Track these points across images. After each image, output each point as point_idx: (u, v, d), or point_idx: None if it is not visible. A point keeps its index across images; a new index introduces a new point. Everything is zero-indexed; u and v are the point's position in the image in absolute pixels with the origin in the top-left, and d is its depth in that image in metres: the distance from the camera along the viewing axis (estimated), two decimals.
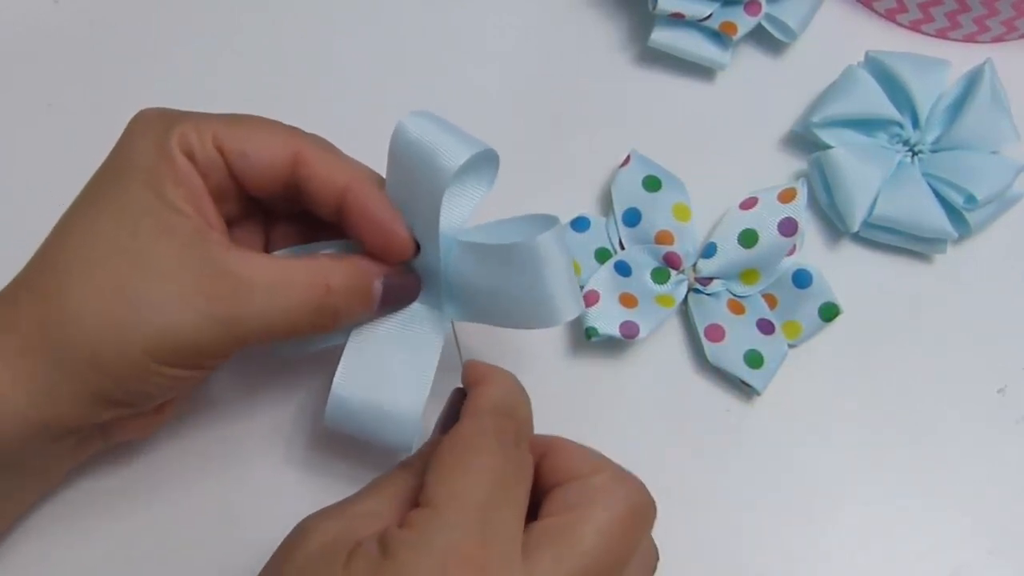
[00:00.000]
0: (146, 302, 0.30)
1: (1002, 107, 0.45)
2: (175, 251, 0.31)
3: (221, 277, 0.31)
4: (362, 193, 0.33)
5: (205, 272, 0.31)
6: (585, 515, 0.29)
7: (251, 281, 0.31)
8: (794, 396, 0.43)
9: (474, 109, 0.47)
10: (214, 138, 0.33)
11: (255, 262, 0.32)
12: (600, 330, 0.41)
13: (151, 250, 0.31)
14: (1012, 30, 0.49)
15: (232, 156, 0.33)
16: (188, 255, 0.31)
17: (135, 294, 0.30)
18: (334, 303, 0.32)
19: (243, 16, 0.48)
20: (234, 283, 0.31)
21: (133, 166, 0.32)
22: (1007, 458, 0.43)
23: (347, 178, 0.33)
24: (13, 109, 0.46)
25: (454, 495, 0.28)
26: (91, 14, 0.48)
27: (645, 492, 0.31)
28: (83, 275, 0.31)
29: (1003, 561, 0.41)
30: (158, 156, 0.32)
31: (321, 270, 0.32)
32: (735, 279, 0.43)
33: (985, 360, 0.44)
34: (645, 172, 0.44)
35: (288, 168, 0.33)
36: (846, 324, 0.43)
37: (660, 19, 0.46)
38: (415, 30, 0.48)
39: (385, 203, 0.33)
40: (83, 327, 0.30)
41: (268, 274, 0.31)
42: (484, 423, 0.30)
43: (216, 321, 0.31)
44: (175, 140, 0.32)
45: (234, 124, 0.33)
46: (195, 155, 0.32)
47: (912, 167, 0.45)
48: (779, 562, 0.41)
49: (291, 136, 0.34)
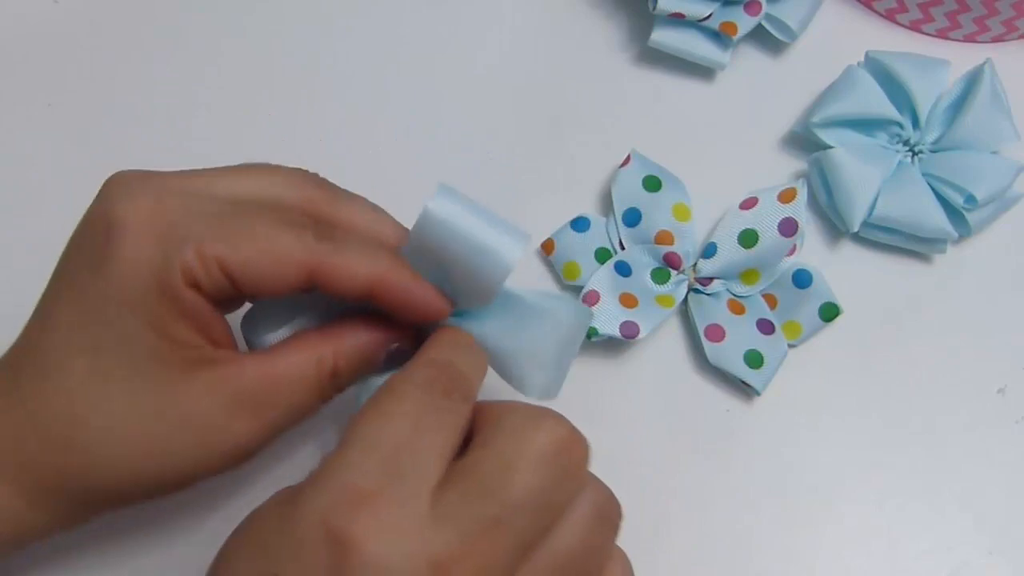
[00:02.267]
0: (160, 451, 0.30)
1: (1002, 107, 0.45)
2: (178, 379, 0.30)
3: (234, 408, 0.30)
4: (392, 286, 0.31)
5: (214, 403, 0.30)
6: (488, 451, 0.28)
7: (257, 397, 0.30)
8: (794, 396, 0.43)
9: (474, 109, 0.47)
10: (221, 265, 0.30)
11: (257, 368, 0.31)
12: (600, 330, 0.41)
13: (166, 396, 0.30)
14: (1012, 30, 0.49)
15: (243, 284, 0.31)
16: (191, 383, 0.30)
17: (150, 443, 0.30)
18: (341, 384, 0.32)
19: (243, 16, 0.48)
20: (240, 402, 0.30)
21: (134, 307, 0.30)
22: (1007, 458, 0.43)
23: (370, 273, 0.31)
24: (13, 109, 0.46)
25: (362, 436, 0.27)
26: (91, 14, 0.48)
27: (562, 426, 0.29)
28: (99, 428, 0.30)
29: (1003, 561, 0.41)
30: (162, 295, 0.30)
31: (326, 358, 0.32)
32: (735, 279, 0.43)
33: (985, 360, 0.44)
34: (645, 172, 0.44)
35: (303, 280, 0.31)
36: (846, 324, 0.43)
37: (660, 19, 0.46)
38: (415, 30, 0.48)
39: (417, 285, 0.32)
40: (107, 477, 0.30)
41: (273, 379, 0.31)
42: (412, 373, 0.30)
43: (230, 447, 0.31)
44: (179, 274, 0.30)
45: (242, 245, 0.30)
46: (201, 285, 0.30)
47: (912, 167, 0.45)
48: (779, 562, 0.41)
49: (302, 248, 0.31)
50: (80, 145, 0.45)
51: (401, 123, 0.46)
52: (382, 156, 0.46)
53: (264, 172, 0.33)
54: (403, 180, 0.45)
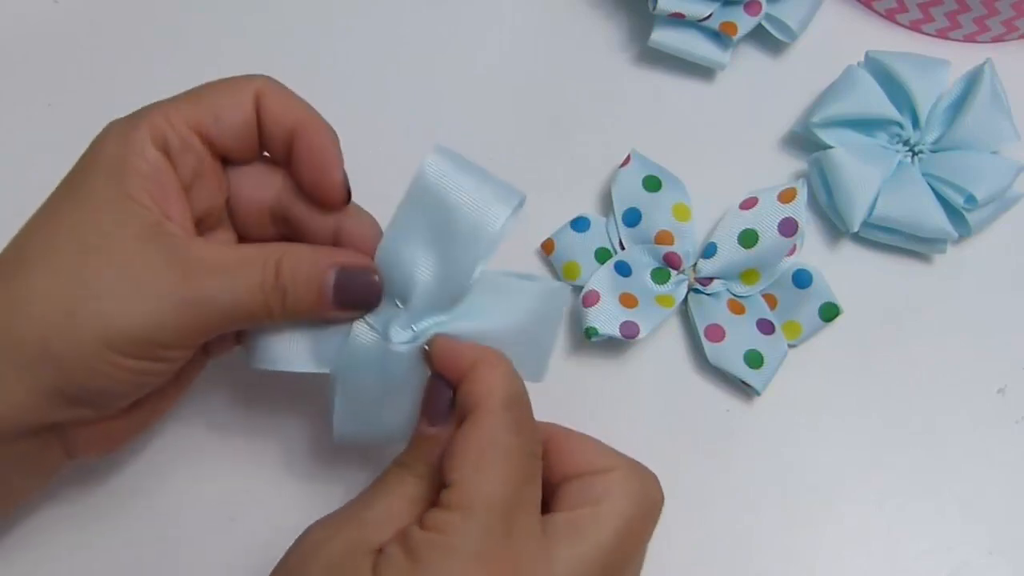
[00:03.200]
0: (99, 289, 0.30)
1: (1002, 107, 0.45)
2: (131, 241, 0.31)
3: (174, 263, 0.31)
4: (310, 131, 0.34)
5: (159, 259, 0.31)
6: (605, 509, 0.30)
7: (202, 263, 0.31)
8: (794, 396, 0.43)
9: (474, 109, 0.47)
10: (186, 120, 0.33)
11: (209, 247, 0.32)
12: (600, 330, 0.41)
13: (109, 240, 0.31)
14: (1012, 30, 0.49)
15: (205, 127, 0.33)
16: (144, 245, 0.31)
17: (89, 282, 0.30)
18: (284, 284, 0.32)
19: (243, 15, 0.48)
20: (185, 267, 0.31)
21: (99, 161, 0.32)
22: (1007, 458, 0.43)
23: (298, 116, 0.34)
24: (13, 109, 0.46)
25: (479, 496, 0.28)
26: (91, 14, 0.48)
27: (658, 486, 0.32)
28: (40, 264, 0.31)
29: (1003, 561, 0.41)
30: (124, 149, 0.32)
31: (274, 251, 0.32)
32: (735, 279, 0.43)
33: (985, 360, 0.44)
34: (645, 172, 0.44)
35: (254, 114, 0.34)
36: (846, 324, 0.43)
37: (660, 19, 0.46)
38: (415, 30, 0.48)
39: (330, 145, 0.34)
40: (32, 313, 0.30)
41: (219, 256, 0.32)
42: (501, 420, 0.30)
43: (168, 304, 0.30)
44: (145, 132, 0.32)
45: (201, 97, 0.34)
46: (169, 143, 0.32)
47: (912, 167, 0.45)
48: (779, 562, 0.41)
49: (249, 81, 0.35)
50: (80, 145, 0.45)
51: (401, 123, 0.46)
52: (382, 156, 0.46)
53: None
54: (403, 180, 0.45)
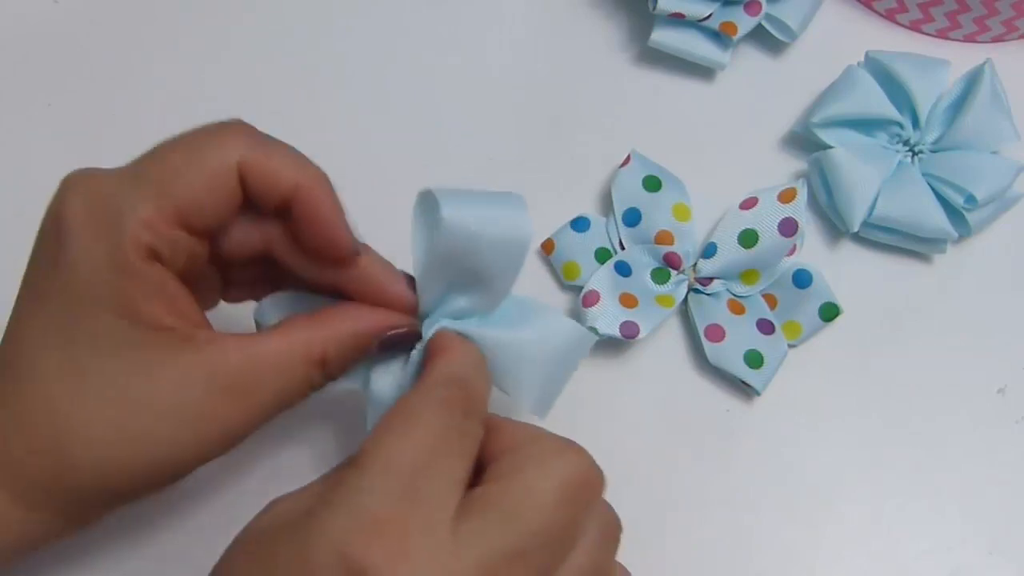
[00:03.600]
0: (145, 440, 0.29)
1: (1002, 107, 0.45)
2: (168, 380, 0.29)
3: (216, 392, 0.30)
4: (312, 198, 0.31)
5: (198, 390, 0.29)
6: (514, 482, 0.28)
7: (244, 383, 0.30)
8: (794, 396, 0.43)
9: (474, 109, 0.47)
10: (167, 220, 0.30)
11: (246, 349, 0.30)
12: (600, 330, 0.41)
13: (146, 383, 0.29)
14: (1012, 30, 0.49)
15: (189, 220, 0.30)
16: (183, 376, 0.29)
17: (134, 432, 0.29)
18: (331, 372, 0.32)
19: (243, 15, 0.48)
20: (230, 389, 0.30)
21: (94, 295, 0.29)
22: (1007, 458, 0.43)
23: (290, 180, 0.31)
24: (13, 109, 0.46)
25: (382, 458, 0.27)
26: (91, 14, 0.48)
27: (585, 460, 0.29)
28: (83, 422, 0.29)
29: (1003, 561, 0.41)
30: (120, 277, 0.29)
31: (318, 341, 0.31)
32: (735, 279, 0.43)
33: (985, 360, 0.44)
34: (645, 172, 0.44)
35: (239, 190, 0.31)
36: (846, 324, 0.43)
37: (660, 19, 0.46)
38: (415, 30, 0.48)
39: (334, 211, 0.31)
40: (96, 471, 0.29)
41: (262, 363, 0.30)
42: (432, 392, 0.29)
43: (201, 441, 0.30)
44: (131, 249, 0.29)
45: (177, 186, 0.30)
46: (159, 253, 0.30)
47: (912, 167, 0.45)
48: (779, 562, 0.41)
49: (229, 151, 0.31)
50: (80, 145, 0.45)
51: (401, 123, 0.46)
52: (382, 156, 0.46)
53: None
54: (403, 180, 0.45)
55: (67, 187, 0.31)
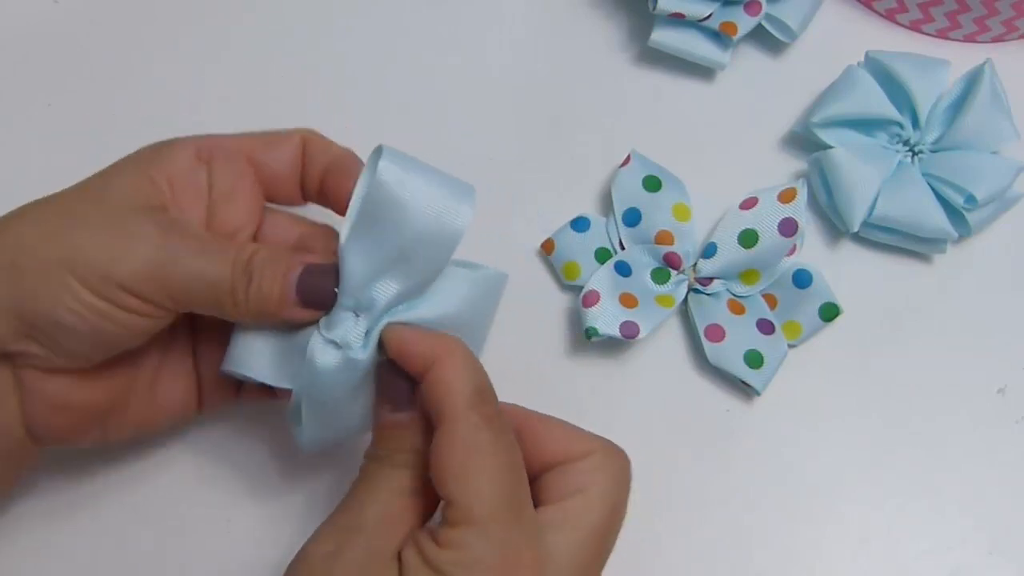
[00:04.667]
0: (79, 224, 0.32)
1: (1002, 107, 0.45)
2: (129, 205, 0.32)
3: (157, 223, 0.32)
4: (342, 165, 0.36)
5: (146, 219, 0.32)
6: (593, 497, 0.31)
7: (183, 230, 0.32)
8: (794, 396, 0.43)
9: (474, 109, 0.47)
10: (240, 145, 0.35)
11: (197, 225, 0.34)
12: (600, 330, 0.41)
13: (109, 196, 0.33)
14: (1012, 30, 0.49)
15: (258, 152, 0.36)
16: (140, 211, 0.32)
17: (74, 219, 0.32)
18: (251, 269, 0.32)
19: (243, 15, 0.48)
20: (167, 227, 0.32)
21: (139, 152, 0.34)
22: (1007, 458, 0.43)
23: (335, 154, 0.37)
24: (13, 109, 0.46)
25: (481, 508, 0.29)
26: (91, 14, 0.48)
27: (627, 459, 0.33)
28: (38, 204, 0.33)
29: (1003, 561, 0.41)
30: (162, 147, 0.34)
31: (254, 244, 0.33)
32: (735, 279, 0.43)
33: (985, 360, 0.44)
34: (645, 172, 0.44)
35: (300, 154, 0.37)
36: (846, 324, 0.43)
37: (660, 19, 0.46)
38: (415, 30, 0.48)
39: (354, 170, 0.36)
40: (9, 235, 0.32)
41: (202, 231, 0.33)
42: (472, 420, 0.30)
43: (140, 250, 0.31)
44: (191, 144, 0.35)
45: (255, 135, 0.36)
46: (213, 157, 0.35)
47: (912, 167, 0.45)
48: (779, 562, 0.41)
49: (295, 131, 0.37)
50: (80, 145, 0.45)
51: (401, 123, 0.46)
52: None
53: None
54: None
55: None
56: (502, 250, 0.44)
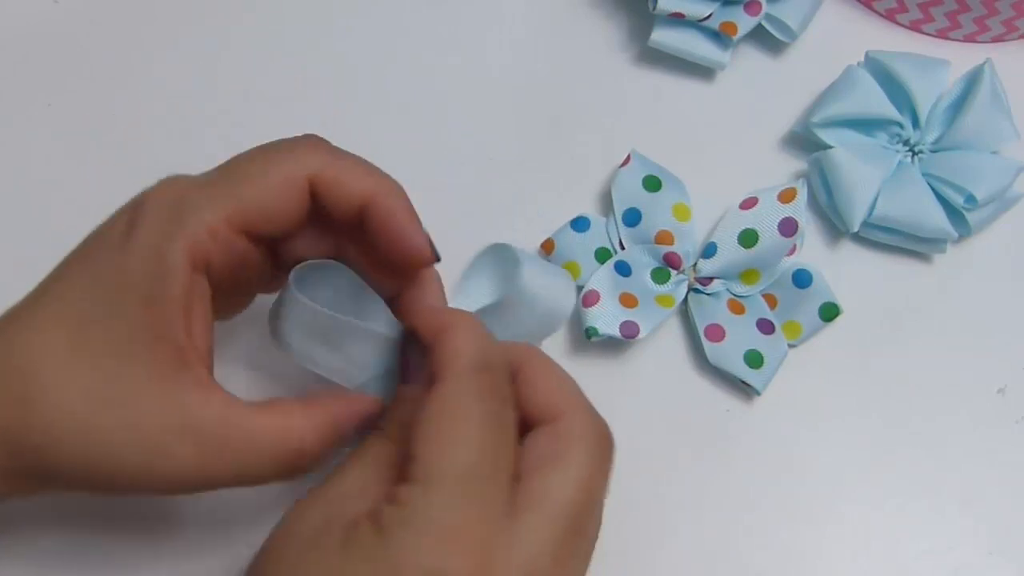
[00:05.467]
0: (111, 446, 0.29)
1: (1002, 107, 0.45)
2: (143, 396, 0.29)
3: (180, 434, 0.29)
4: (384, 208, 0.32)
5: (164, 423, 0.29)
6: (568, 470, 0.29)
7: (222, 441, 0.30)
8: (794, 396, 0.43)
9: (475, 109, 0.47)
10: (232, 224, 0.31)
11: (227, 414, 0.30)
12: (600, 330, 0.41)
13: (125, 388, 0.29)
14: (1012, 30, 0.49)
15: (255, 228, 0.31)
16: (156, 401, 0.29)
17: (105, 436, 0.29)
18: (306, 464, 0.31)
19: (243, 15, 0.48)
20: (195, 438, 0.29)
21: (132, 280, 0.30)
22: (1007, 458, 0.43)
23: (364, 191, 0.32)
24: (13, 109, 0.46)
25: (443, 468, 0.28)
26: (91, 14, 0.48)
27: (609, 432, 0.31)
28: (57, 401, 0.29)
29: (1003, 561, 0.41)
30: (158, 270, 0.30)
31: (293, 433, 0.30)
32: (735, 279, 0.43)
33: (985, 360, 0.44)
34: (645, 172, 0.44)
35: (308, 201, 0.32)
36: (846, 324, 0.43)
37: (660, 19, 0.46)
38: (415, 30, 0.48)
39: (408, 218, 0.32)
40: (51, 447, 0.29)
41: (239, 435, 0.30)
42: (466, 385, 0.29)
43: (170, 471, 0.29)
44: (183, 250, 0.30)
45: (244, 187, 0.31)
46: (211, 262, 0.30)
47: (912, 167, 0.45)
48: (779, 562, 0.41)
49: (302, 164, 0.32)
50: (80, 145, 0.45)
51: (401, 123, 0.46)
52: (382, 157, 0.46)
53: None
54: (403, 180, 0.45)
55: (159, 182, 0.32)
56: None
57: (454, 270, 0.43)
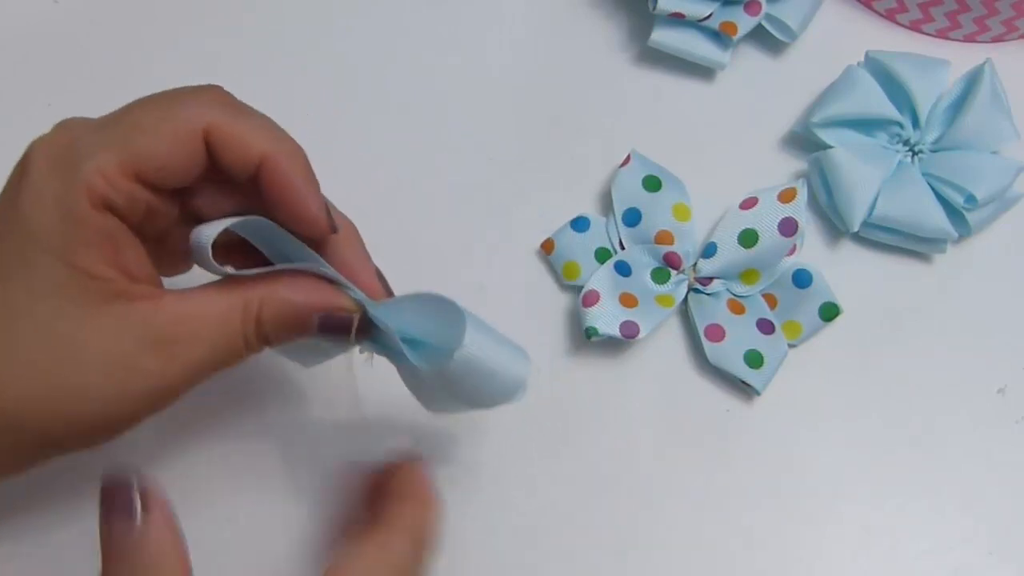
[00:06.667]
0: (71, 388, 0.29)
1: (1002, 107, 0.45)
2: (96, 330, 0.29)
3: (146, 340, 0.29)
4: (282, 172, 0.31)
5: (127, 342, 0.29)
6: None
7: (175, 334, 0.30)
8: (794, 396, 0.43)
9: (475, 109, 0.47)
10: (125, 172, 0.29)
11: (179, 305, 0.30)
12: (600, 330, 0.41)
13: (75, 331, 0.29)
14: (1012, 30, 0.49)
15: (148, 177, 0.30)
16: (115, 323, 0.29)
17: (60, 380, 0.29)
18: (266, 332, 0.31)
19: (243, 15, 0.48)
20: (158, 342, 0.29)
21: (39, 237, 0.29)
22: (1007, 458, 0.43)
23: (262, 148, 0.30)
24: (13, 109, 0.46)
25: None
26: (91, 14, 0.48)
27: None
28: (6, 361, 0.29)
29: (1003, 561, 0.41)
30: (65, 222, 0.29)
31: (253, 299, 0.31)
32: (735, 279, 0.43)
33: (985, 360, 0.44)
34: (645, 172, 0.44)
35: (205, 154, 0.31)
36: (846, 324, 0.43)
37: (660, 19, 0.46)
38: (415, 30, 0.48)
39: (309, 188, 0.31)
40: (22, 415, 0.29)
41: (193, 315, 0.30)
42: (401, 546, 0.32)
43: (137, 395, 0.30)
44: (83, 195, 0.29)
45: (138, 142, 0.30)
46: (112, 202, 0.29)
47: (912, 167, 0.45)
48: (779, 562, 0.41)
49: (197, 115, 0.30)
50: None
51: (401, 123, 0.46)
52: (382, 157, 0.46)
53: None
54: (403, 181, 0.45)
55: (42, 135, 0.31)
56: (502, 250, 0.45)
57: (454, 269, 0.43)
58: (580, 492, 0.41)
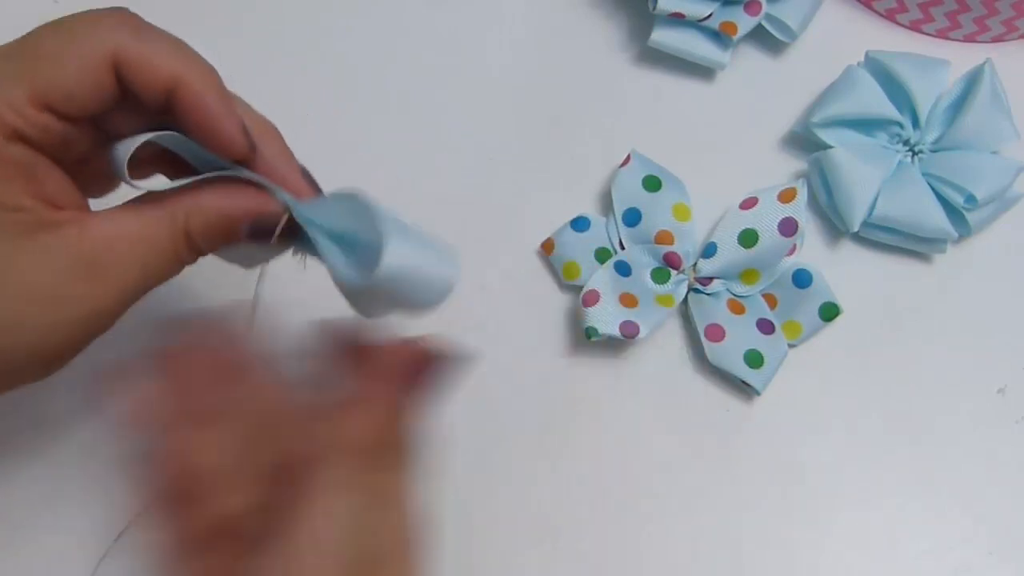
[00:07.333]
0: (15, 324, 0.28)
1: (1002, 107, 0.45)
2: (24, 262, 0.28)
3: (73, 266, 0.29)
4: (193, 93, 0.30)
5: (57, 270, 0.29)
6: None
7: (104, 259, 0.29)
8: (794, 396, 0.43)
9: (475, 109, 0.47)
10: (32, 101, 0.29)
11: (105, 225, 0.29)
12: (600, 330, 0.41)
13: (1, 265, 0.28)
14: (1012, 30, 0.49)
15: (57, 106, 0.29)
16: (39, 256, 0.29)
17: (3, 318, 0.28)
18: (197, 244, 0.31)
19: (243, 15, 0.48)
20: (89, 266, 0.29)
21: None
22: (1007, 458, 0.43)
23: (172, 70, 0.30)
24: None
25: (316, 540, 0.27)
26: None
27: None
28: None
29: (1003, 561, 0.41)
30: None
31: (180, 211, 0.30)
32: (735, 279, 0.43)
33: (985, 360, 0.44)
34: (645, 172, 0.44)
35: (114, 81, 0.30)
36: (846, 324, 0.43)
37: (660, 19, 0.46)
38: (415, 30, 0.48)
39: (222, 107, 0.30)
40: None
41: (121, 234, 0.29)
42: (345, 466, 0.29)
43: (73, 322, 0.29)
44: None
45: (44, 69, 0.29)
46: (24, 132, 0.29)
47: (912, 167, 0.45)
48: (779, 562, 0.41)
49: (102, 41, 0.29)
50: None
51: (401, 123, 0.46)
52: (382, 157, 0.46)
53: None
54: (403, 181, 0.45)
55: None
56: (502, 250, 0.45)
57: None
58: (580, 492, 0.41)
